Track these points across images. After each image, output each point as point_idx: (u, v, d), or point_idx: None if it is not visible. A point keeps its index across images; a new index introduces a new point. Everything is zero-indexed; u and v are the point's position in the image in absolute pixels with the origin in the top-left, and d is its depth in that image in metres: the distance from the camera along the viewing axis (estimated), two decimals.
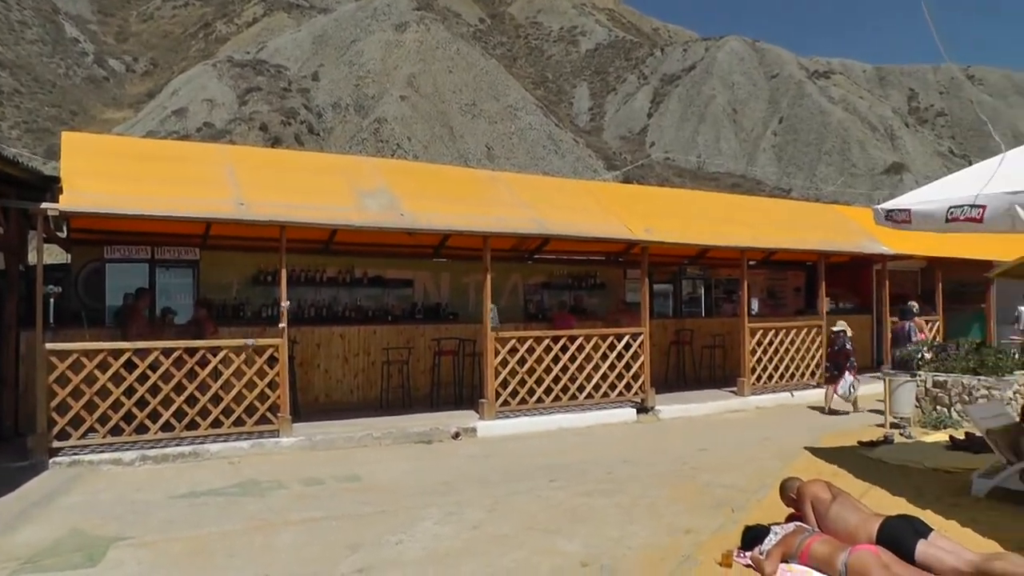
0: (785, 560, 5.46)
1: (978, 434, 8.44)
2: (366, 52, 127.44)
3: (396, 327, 14.01)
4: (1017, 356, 12.50)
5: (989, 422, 7.91)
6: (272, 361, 10.56)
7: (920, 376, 12.19)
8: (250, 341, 10.49)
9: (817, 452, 9.85)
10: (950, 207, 6.53)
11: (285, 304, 10.67)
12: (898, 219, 7.24)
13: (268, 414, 10.45)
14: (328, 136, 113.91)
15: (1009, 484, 7.38)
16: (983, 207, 6.19)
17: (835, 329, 13.93)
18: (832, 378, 13.65)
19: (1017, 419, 8.16)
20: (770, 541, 5.63)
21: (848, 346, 13.68)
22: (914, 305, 16.21)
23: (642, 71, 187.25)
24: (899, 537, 5.36)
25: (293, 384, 11.61)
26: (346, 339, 13.51)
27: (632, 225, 13.23)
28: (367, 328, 13.73)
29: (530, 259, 16.68)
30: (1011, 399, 11.09)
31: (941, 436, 10.81)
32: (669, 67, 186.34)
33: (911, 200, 7.44)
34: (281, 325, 10.64)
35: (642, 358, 13.17)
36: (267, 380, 10.47)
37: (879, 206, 7.64)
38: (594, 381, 12.86)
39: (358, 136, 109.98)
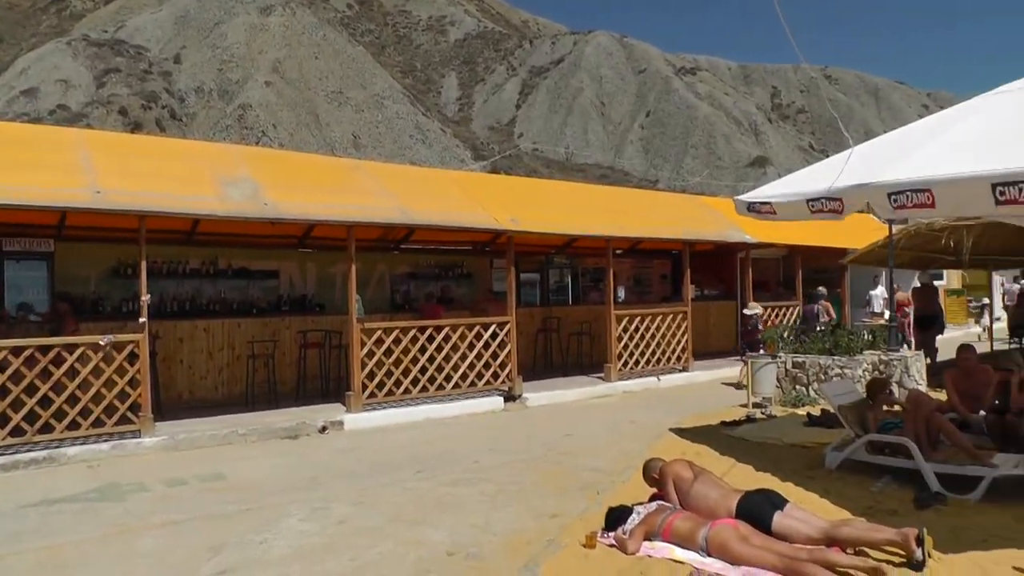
0: (648, 538, 5.62)
1: (832, 411, 8.85)
2: (230, 35, 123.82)
3: (261, 320, 13.65)
4: (868, 337, 13.16)
5: (841, 399, 8.35)
6: (132, 358, 10.05)
7: (780, 357, 12.71)
8: (108, 337, 9.97)
9: (681, 433, 10.11)
10: (810, 199, 6.85)
11: (145, 298, 10.21)
12: (761, 210, 7.53)
13: (129, 414, 9.96)
14: (191, 122, 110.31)
15: (858, 456, 7.81)
16: (840, 200, 6.52)
17: (747, 312, 14.44)
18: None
19: (865, 395, 8.60)
20: (633, 521, 5.76)
21: (760, 327, 14.16)
22: (822, 290, 17.00)
23: (511, 62, 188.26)
24: (757, 510, 5.64)
25: (155, 381, 11.19)
26: (210, 333, 13.08)
27: (498, 215, 13.27)
28: (232, 321, 13.33)
29: (397, 249, 16.53)
30: (861, 377, 11.71)
31: (800, 413, 11.31)
32: (538, 59, 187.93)
33: (770, 192, 7.76)
34: (141, 320, 10.17)
35: (509, 347, 13.25)
36: (127, 378, 9.96)
37: (740, 197, 7.92)
38: (461, 371, 12.84)
39: (222, 123, 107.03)
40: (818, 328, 14.68)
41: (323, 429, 11.08)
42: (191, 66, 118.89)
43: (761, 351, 13.56)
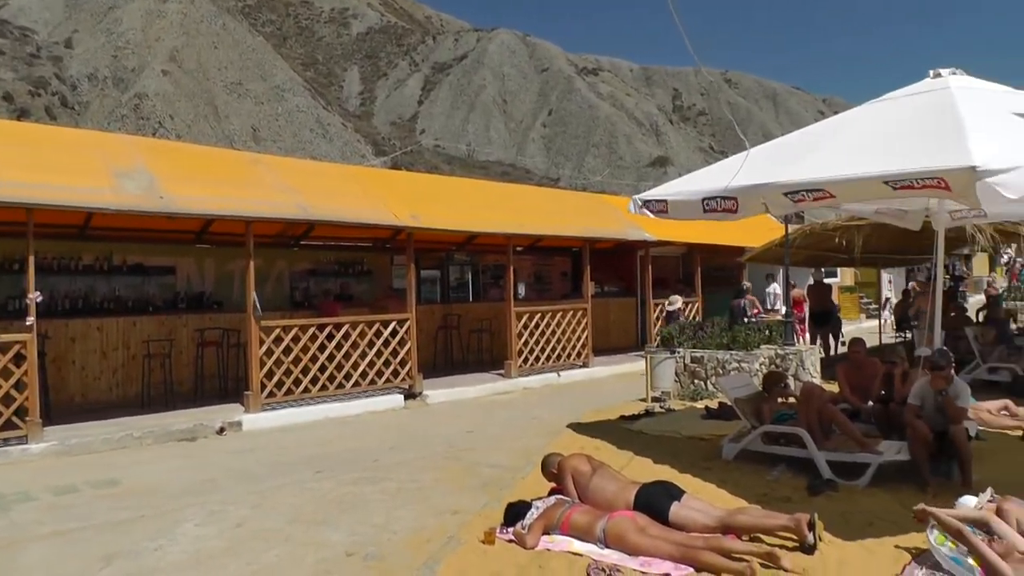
0: (547, 532, 5.66)
1: (729, 403, 9.05)
2: (125, 20, 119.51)
3: (158, 318, 13.20)
4: (765, 332, 13.52)
5: (737, 392, 8.58)
6: (19, 359, 9.55)
7: (679, 352, 12.95)
8: None
9: (581, 428, 10.18)
10: (704, 198, 7.00)
11: (34, 296, 9.76)
12: (655, 209, 7.66)
13: (15, 419, 9.46)
14: (84, 111, 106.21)
15: (754, 446, 8.03)
16: (735, 199, 6.67)
17: (670, 308, 14.63)
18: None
19: (760, 388, 8.85)
20: (532, 515, 5.79)
21: (682, 320, 14.35)
22: (747, 285, 17.32)
23: (413, 58, 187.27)
24: (654, 501, 5.75)
25: (44, 384, 10.74)
26: (104, 332, 12.60)
27: (399, 211, 13.18)
28: (127, 320, 12.86)
29: (296, 245, 16.27)
30: (758, 371, 12.03)
31: (698, 407, 11.53)
32: (441, 55, 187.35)
33: (665, 191, 7.90)
34: (29, 319, 9.70)
35: (409, 344, 13.18)
36: (13, 381, 9.47)
37: (636, 196, 8.03)
38: (361, 368, 12.72)
39: (117, 112, 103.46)
40: (746, 321, 15.01)
41: (221, 430, 10.83)
42: (84, 52, 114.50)
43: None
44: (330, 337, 12.45)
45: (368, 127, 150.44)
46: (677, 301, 15.24)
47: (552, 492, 6.38)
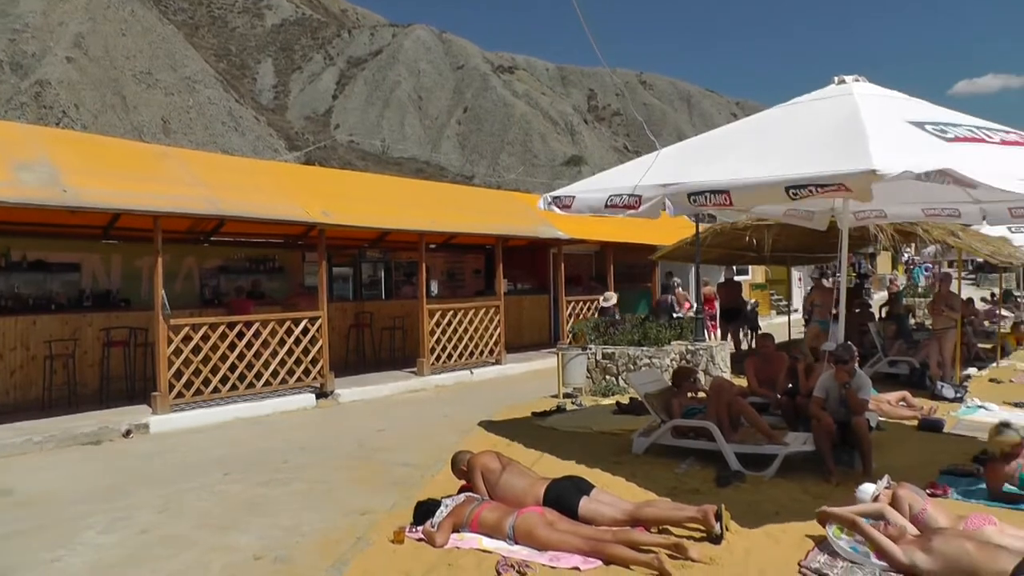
0: (456, 530, 5.64)
1: (639, 399, 9.15)
2: (24, 2, 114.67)
3: (60, 317, 12.66)
4: (676, 328, 13.72)
5: (647, 387, 8.70)
6: None
7: (591, 349, 13.04)
8: None
9: (492, 425, 10.19)
10: (610, 195, 7.09)
11: None
12: (561, 204, 7.74)
13: None
14: None
15: (664, 440, 8.16)
16: (639, 196, 6.76)
17: (605, 304, 14.70)
18: None
19: (670, 384, 9.00)
20: (441, 514, 5.76)
21: (616, 316, 14.43)
22: (677, 281, 17.49)
23: (328, 52, 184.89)
24: (563, 496, 5.80)
25: None
26: (1, 332, 12.06)
27: (311, 207, 12.98)
28: (26, 319, 12.27)
29: (206, 241, 15.87)
30: (669, 366, 12.19)
31: (609, 403, 11.62)
32: (356, 50, 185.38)
33: (576, 189, 7.99)
34: None
35: (320, 342, 12.99)
36: None
37: (547, 194, 8.10)
38: (272, 368, 12.46)
39: (16, 100, 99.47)
40: (674, 317, 15.20)
41: (127, 433, 10.48)
42: None
43: None
44: (240, 336, 12.18)
45: (281, 121, 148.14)
46: (612, 298, 15.38)
47: (462, 490, 6.37)
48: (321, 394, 12.96)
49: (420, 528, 5.74)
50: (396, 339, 16.98)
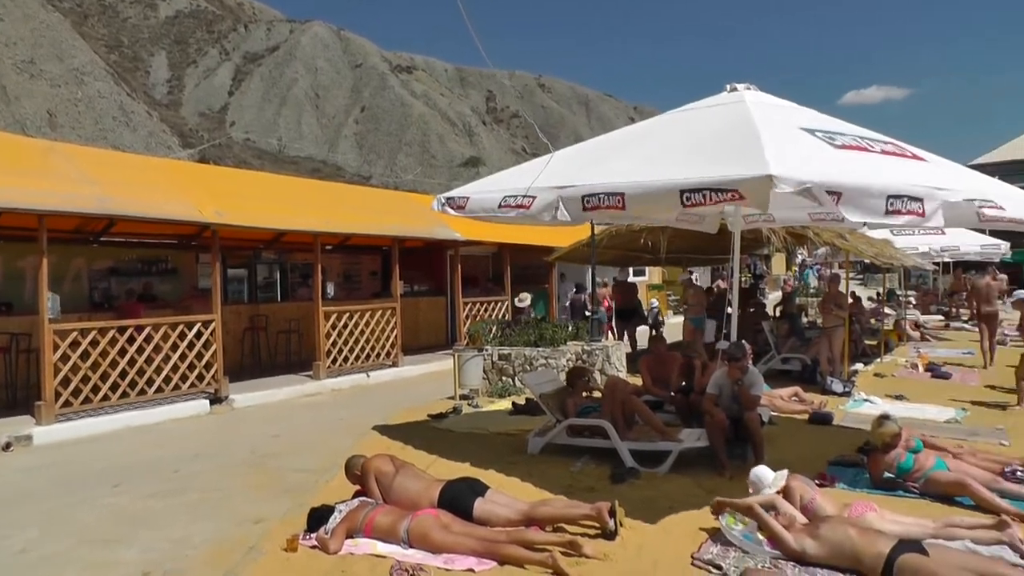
0: (350, 535, 5.58)
1: (535, 399, 9.19)
2: None
3: None
4: (572, 329, 13.82)
5: (543, 387, 8.75)
6: None
7: (487, 350, 13.04)
8: None
9: (388, 428, 10.08)
10: (504, 196, 7.10)
11: None
12: (455, 205, 7.72)
13: None
14: None
15: (559, 439, 8.23)
16: (533, 197, 6.79)
17: (520, 305, 14.65)
18: None
19: (565, 383, 9.07)
20: (335, 519, 5.69)
21: (532, 316, 14.44)
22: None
23: (224, 46, 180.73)
24: (458, 498, 5.80)
25: None
26: None
27: (204, 207, 12.62)
28: None
29: (96, 242, 15.27)
30: (565, 367, 12.27)
31: (505, 404, 11.63)
32: (252, 45, 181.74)
33: (470, 189, 7.99)
34: None
35: (214, 346, 12.64)
36: None
37: (440, 195, 8.07)
38: (164, 373, 12.03)
39: None
40: (588, 316, 15.28)
41: (7, 446, 9.90)
42: None
43: None
44: (131, 340, 11.73)
45: (175, 117, 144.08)
46: (527, 299, 15.44)
47: (356, 495, 6.29)
48: (215, 400, 12.63)
49: (314, 535, 5.65)
50: (292, 342, 16.70)
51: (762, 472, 6.09)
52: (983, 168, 48.81)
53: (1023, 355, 11.28)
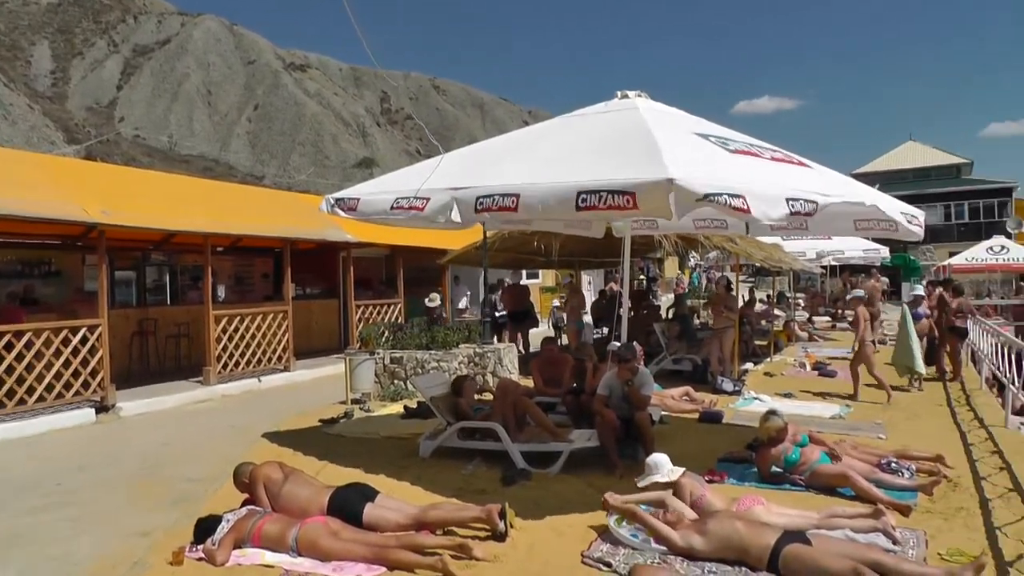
0: (238, 545, 5.49)
1: (426, 402, 9.18)
2: None
3: None
4: (464, 331, 13.84)
5: (433, 390, 8.78)
6: None
7: (379, 354, 12.96)
8: None
9: (279, 434, 9.96)
10: (397, 197, 7.06)
11: None
12: (345, 207, 7.65)
13: None
14: None
15: (450, 442, 8.27)
16: (426, 199, 6.78)
17: (431, 305, 14.55)
18: None
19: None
20: (222, 529, 5.58)
21: (443, 315, 14.30)
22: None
23: (113, 38, 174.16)
24: (348, 504, 5.78)
25: None
26: None
27: (90, 206, 12.16)
28: None
29: None
30: (457, 369, 12.34)
31: (397, 407, 11.61)
32: (142, 37, 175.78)
33: (358, 190, 7.93)
34: None
35: (100, 352, 12.21)
36: None
37: (329, 196, 7.99)
38: (46, 381, 11.54)
39: None
40: (496, 316, 15.35)
41: None
42: None
43: None
44: (9, 347, 11.21)
45: (60, 111, 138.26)
46: (436, 298, 15.35)
47: (245, 503, 6.17)
48: (101, 408, 12.20)
49: (200, 547, 5.53)
50: (182, 347, 16.29)
51: (660, 459, 6.25)
52: (866, 177, 51.22)
53: (855, 351, 12.24)
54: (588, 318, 19.39)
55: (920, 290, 14.22)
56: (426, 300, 15.14)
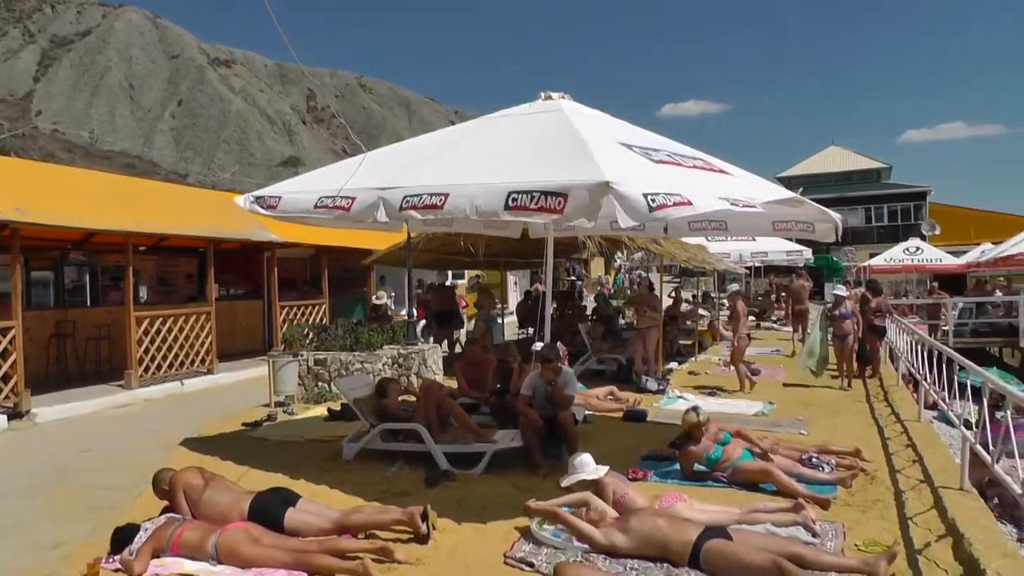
0: (157, 555, 5.35)
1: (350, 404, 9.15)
2: None
3: None
4: (389, 332, 13.76)
5: (357, 392, 8.72)
6: None
7: (303, 355, 12.83)
8: None
9: (201, 439, 9.77)
10: (320, 196, 7.00)
11: None
12: (266, 205, 7.57)
13: None
14: None
15: (374, 445, 8.23)
16: (352, 198, 6.74)
17: (377, 303, 14.47)
18: None
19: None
20: (140, 539, 5.44)
21: (389, 313, 14.31)
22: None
23: (28, 27, 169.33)
24: (268, 509, 5.72)
25: None
26: None
27: (3, 203, 11.78)
28: None
29: None
30: (381, 371, 12.28)
31: (321, 410, 11.50)
32: (61, 28, 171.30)
33: (280, 189, 7.84)
34: None
35: (13, 356, 11.82)
36: None
37: (249, 194, 7.89)
38: None
39: None
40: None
41: None
42: None
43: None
44: None
45: None
46: (383, 296, 15.24)
47: (164, 511, 6.02)
48: (15, 415, 11.83)
49: (117, 557, 5.38)
50: (102, 350, 15.87)
51: (584, 458, 6.31)
52: (790, 180, 52.42)
53: (734, 347, 13.05)
54: (514, 319, 19.50)
55: (842, 290, 14.56)
56: (373, 298, 15.09)
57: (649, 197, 5.44)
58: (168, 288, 19.47)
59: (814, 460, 7.56)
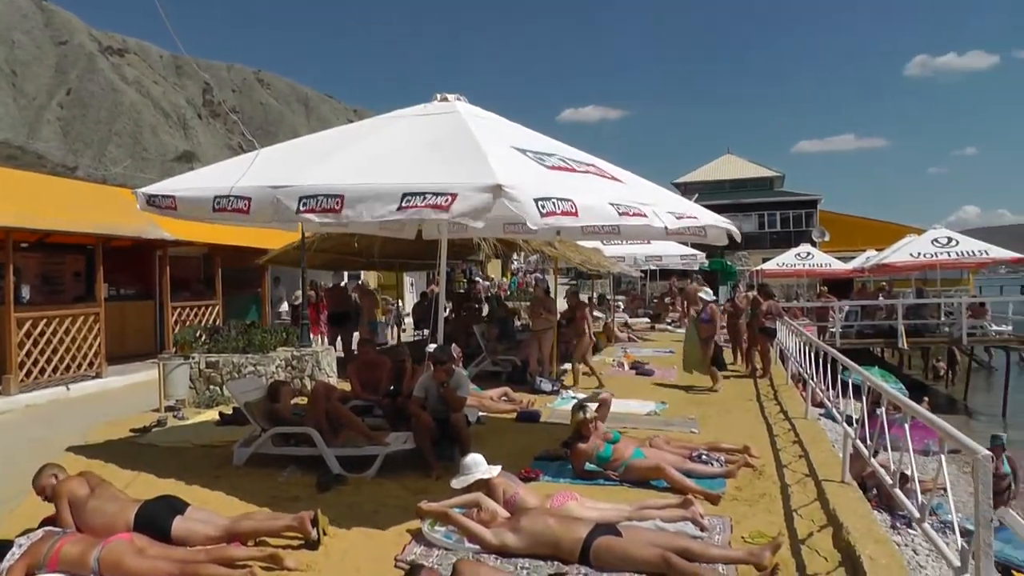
0: (32, 573, 5.07)
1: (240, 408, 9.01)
2: None
3: None
4: (282, 334, 13.58)
5: (248, 395, 8.60)
6: None
7: (194, 358, 12.55)
8: None
9: (87, 446, 9.43)
10: (216, 196, 6.87)
11: None
12: (163, 205, 7.40)
13: None
14: None
15: (266, 449, 8.12)
16: (249, 199, 6.62)
17: (295, 303, 14.36)
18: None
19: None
20: (13, 555, 5.12)
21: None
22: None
23: None
24: (155, 518, 5.56)
25: None
26: None
27: None
28: None
29: None
30: (274, 373, 12.13)
31: (212, 414, 11.28)
32: None
33: (173, 186, 7.66)
34: None
35: None
36: None
37: (141, 190, 7.70)
38: None
39: None
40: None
41: None
42: None
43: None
44: None
45: None
46: (299, 297, 14.97)
47: (44, 523, 5.74)
48: None
49: None
50: None
51: (476, 459, 6.38)
52: (686, 186, 53.62)
53: (579, 345, 13.50)
54: (409, 318, 19.47)
55: (707, 295, 15.03)
56: (291, 298, 14.88)
57: (539, 203, 5.54)
58: (53, 287, 18.74)
59: (704, 457, 7.83)
